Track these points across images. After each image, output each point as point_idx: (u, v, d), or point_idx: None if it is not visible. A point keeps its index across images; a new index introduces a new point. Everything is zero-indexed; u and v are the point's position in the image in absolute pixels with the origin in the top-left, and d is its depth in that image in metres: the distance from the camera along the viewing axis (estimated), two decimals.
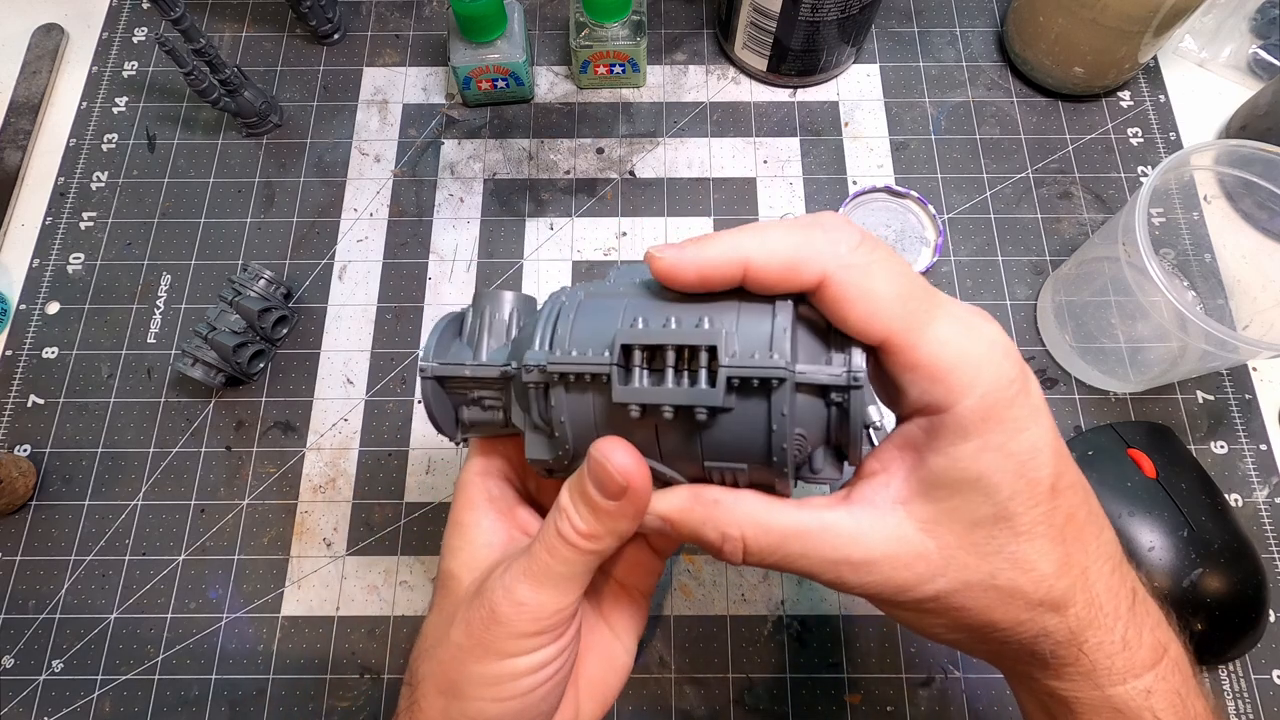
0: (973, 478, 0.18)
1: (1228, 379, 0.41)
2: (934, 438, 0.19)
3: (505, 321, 0.24)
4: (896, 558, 0.19)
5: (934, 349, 0.18)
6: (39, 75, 0.49)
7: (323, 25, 0.48)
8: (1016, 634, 0.20)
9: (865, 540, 0.19)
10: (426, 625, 0.25)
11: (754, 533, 0.20)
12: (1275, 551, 0.38)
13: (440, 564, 0.25)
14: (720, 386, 0.19)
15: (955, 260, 0.44)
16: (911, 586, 0.19)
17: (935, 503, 0.19)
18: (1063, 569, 0.19)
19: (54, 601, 0.38)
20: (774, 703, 0.36)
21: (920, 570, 0.19)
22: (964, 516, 0.19)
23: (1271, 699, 0.35)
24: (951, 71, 0.49)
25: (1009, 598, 0.19)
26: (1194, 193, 0.43)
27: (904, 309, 0.18)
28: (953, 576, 0.19)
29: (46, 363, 0.42)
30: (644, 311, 0.20)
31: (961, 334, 0.19)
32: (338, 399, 0.41)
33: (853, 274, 0.18)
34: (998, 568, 0.19)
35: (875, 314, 0.18)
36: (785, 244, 0.19)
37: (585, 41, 0.45)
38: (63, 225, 0.45)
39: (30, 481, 0.39)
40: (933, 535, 0.19)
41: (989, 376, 0.18)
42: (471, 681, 0.22)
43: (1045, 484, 0.19)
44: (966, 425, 0.18)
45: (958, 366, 0.18)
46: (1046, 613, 0.19)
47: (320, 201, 0.46)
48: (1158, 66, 0.49)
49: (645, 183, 0.46)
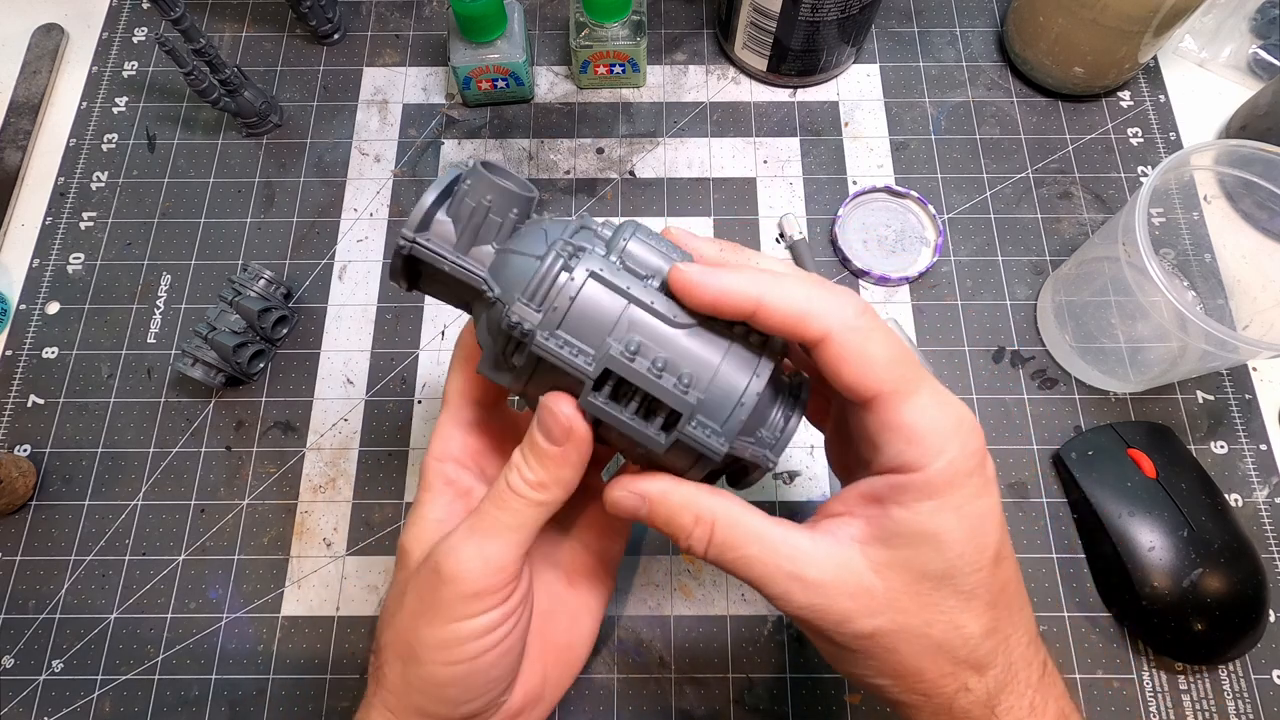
0: (929, 532, 0.20)
1: (1228, 379, 0.41)
2: (899, 493, 0.21)
3: (500, 222, 0.23)
4: (844, 586, 0.21)
5: (914, 414, 0.20)
6: (39, 75, 0.49)
7: (323, 25, 0.48)
8: (939, 686, 0.21)
9: (820, 563, 0.21)
10: (387, 598, 0.26)
11: (724, 524, 0.22)
12: (1275, 551, 0.38)
13: (399, 540, 0.26)
14: (669, 440, 0.22)
15: (955, 260, 0.44)
16: (851, 618, 0.21)
17: (890, 549, 0.21)
18: (989, 633, 0.21)
19: (54, 601, 0.38)
20: (774, 703, 0.36)
21: (863, 604, 0.21)
22: (914, 567, 0.21)
23: (1271, 699, 0.35)
24: (951, 71, 0.49)
25: (938, 649, 0.21)
26: (1194, 193, 0.43)
27: (893, 374, 0.21)
28: (891, 618, 0.21)
29: (46, 363, 0.42)
30: (642, 330, 0.22)
31: (938, 406, 0.21)
32: (338, 399, 0.41)
33: (854, 336, 0.20)
34: (933, 619, 0.21)
35: (868, 374, 0.20)
36: (798, 296, 0.21)
37: (585, 41, 0.45)
38: (63, 225, 0.45)
39: (30, 481, 0.39)
40: (882, 577, 0.21)
41: (956, 447, 0.20)
42: (424, 645, 0.23)
43: (990, 550, 0.21)
44: (932, 486, 0.20)
45: (932, 433, 0.20)
46: (969, 671, 0.21)
47: (320, 201, 0.46)
48: (1158, 66, 0.49)
49: (645, 183, 0.46)
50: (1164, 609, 0.34)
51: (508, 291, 0.22)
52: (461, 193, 0.23)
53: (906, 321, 0.42)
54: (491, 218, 0.23)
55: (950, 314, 0.42)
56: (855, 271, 0.43)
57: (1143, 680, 0.36)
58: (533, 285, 0.21)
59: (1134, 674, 0.36)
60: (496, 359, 0.23)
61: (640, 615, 0.37)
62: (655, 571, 0.38)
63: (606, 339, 0.21)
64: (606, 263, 0.22)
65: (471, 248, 0.23)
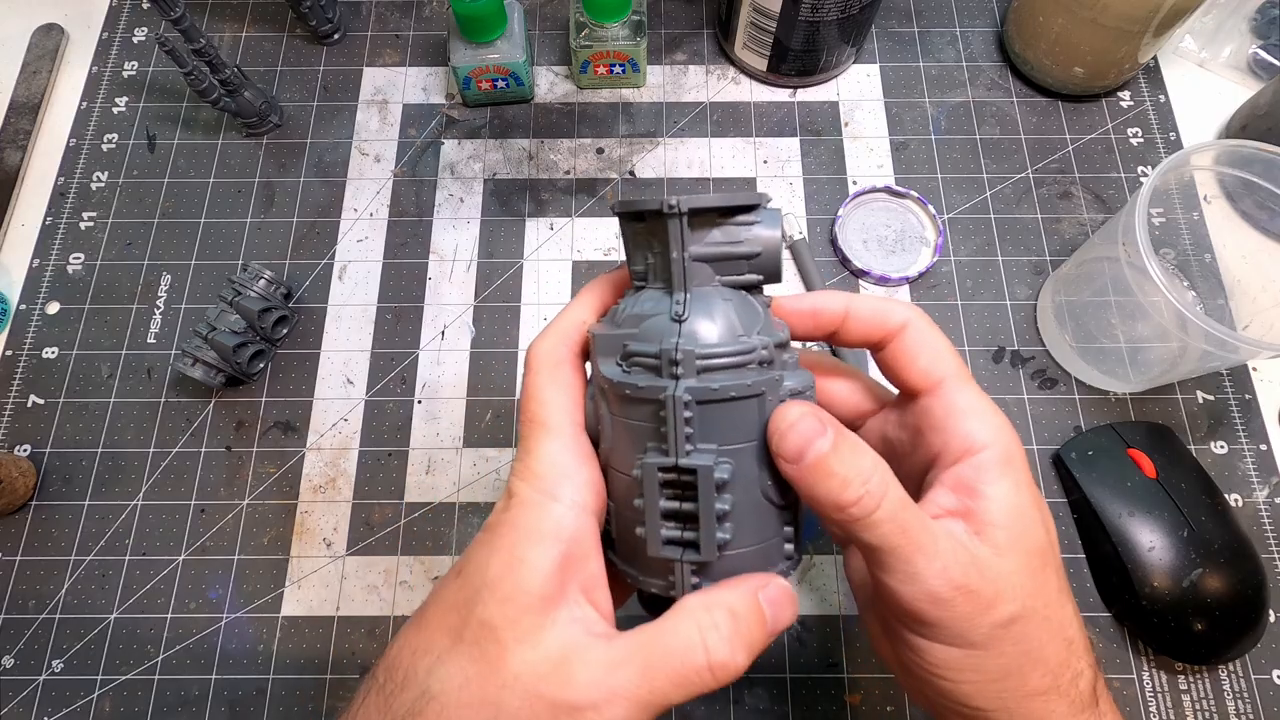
0: (1024, 506, 0.20)
1: (1228, 379, 0.41)
2: (984, 471, 0.21)
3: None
4: (986, 572, 0.19)
5: (974, 398, 0.22)
6: (39, 75, 0.49)
7: (323, 25, 0.48)
8: (1059, 677, 0.20)
9: (965, 547, 0.19)
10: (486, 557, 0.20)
11: (897, 486, 0.19)
12: (1275, 551, 0.38)
13: (512, 487, 0.21)
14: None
15: (955, 260, 0.44)
16: (994, 603, 0.19)
17: (1002, 529, 0.20)
18: (1076, 614, 0.21)
19: (54, 601, 0.38)
20: (774, 703, 0.35)
21: (1003, 589, 0.19)
22: (1024, 544, 0.20)
23: (1271, 699, 0.35)
24: (951, 71, 0.49)
25: (1056, 631, 0.20)
26: (1194, 193, 0.43)
27: (956, 363, 0.22)
28: (1023, 602, 0.19)
29: (46, 363, 0.42)
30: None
31: (984, 396, 0.22)
32: (338, 399, 0.41)
33: (926, 326, 0.23)
34: (1049, 599, 0.20)
35: (939, 360, 0.22)
36: (874, 299, 0.23)
37: (585, 41, 0.45)
38: (63, 225, 0.45)
39: (30, 481, 0.39)
40: (1005, 558, 0.20)
41: (1008, 430, 0.22)
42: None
43: (1055, 532, 0.21)
44: (1005, 460, 0.21)
45: (990, 414, 0.22)
46: (1077, 652, 0.20)
47: (320, 201, 0.46)
48: (1158, 66, 0.49)
49: (645, 183, 0.46)
50: (1164, 609, 0.34)
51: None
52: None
53: None
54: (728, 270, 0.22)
55: (950, 314, 0.42)
56: (855, 271, 0.43)
57: (1143, 680, 0.36)
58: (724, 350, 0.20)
59: (1134, 674, 0.36)
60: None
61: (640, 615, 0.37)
62: None
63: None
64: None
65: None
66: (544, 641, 0.19)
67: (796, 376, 0.21)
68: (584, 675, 0.18)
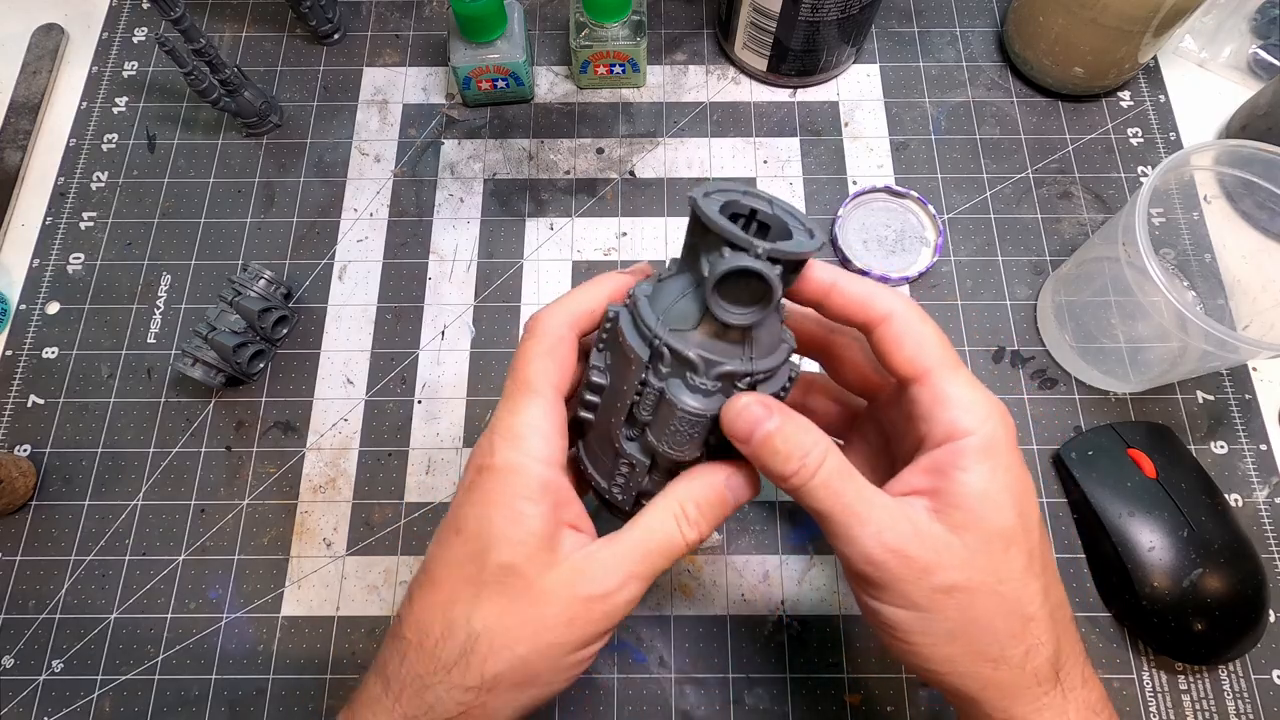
0: (994, 492, 0.22)
1: (1228, 379, 0.41)
2: (960, 457, 0.22)
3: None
4: (930, 541, 0.22)
5: (962, 387, 0.23)
6: (39, 75, 0.49)
7: (323, 25, 0.48)
8: (1009, 648, 0.22)
9: (907, 518, 0.22)
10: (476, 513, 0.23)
11: (835, 456, 0.22)
12: (1275, 551, 0.38)
13: (484, 447, 0.23)
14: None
15: (955, 260, 0.44)
16: (934, 570, 0.21)
17: (963, 511, 0.22)
18: (1046, 594, 0.22)
19: (54, 601, 0.38)
20: (774, 703, 0.36)
21: (945, 559, 0.21)
22: (985, 526, 0.22)
23: (1271, 699, 0.35)
24: (951, 71, 0.49)
25: (1011, 607, 0.22)
26: (1194, 193, 0.43)
27: (944, 353, 0.23)
28: (970, 575, 0.21)
29: (46, 363, 0.42)
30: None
31: (980, 388, 0.23)
32: (338, 399, 0.41)
33: (913, 317, 0.23)
34: (1005, 577, 0.22)
35: (924, 350, 0.23)
36: (863, 284, 0.24)
37: (585, 41, 0.45)
38: (63, 225, 0.45)
39: (30, 481, 0.39)
40: (959, 536, 0.22)
41: (997, 418, 0.22)
42: (526, 636, 0.23)
43: (1035, 519, 0.23)
44: (988, 447, 0.22)
45: (978, 402, 0.23)
46: (1037, 629, 0.22)
47: (320, 201, 0.46)
48: (1158, 66, 0.49)
49: (645, 183, 0.46)
50: (1164, 609, 0.34)
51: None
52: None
53: None
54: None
55: (950, 314, 0.42)
56: (855, 271, 0.43)
57: (1143, 680, 0.36)
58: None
59: (1134, 674, 0.36)
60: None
61: (640, 615, 0.37)
62: None
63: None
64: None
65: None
66: (558, 562, 0.23)
67: (773, 382, 0.24)
68: (601, 572, 0.23)
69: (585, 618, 0.22)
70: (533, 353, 0.24)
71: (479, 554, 0.22)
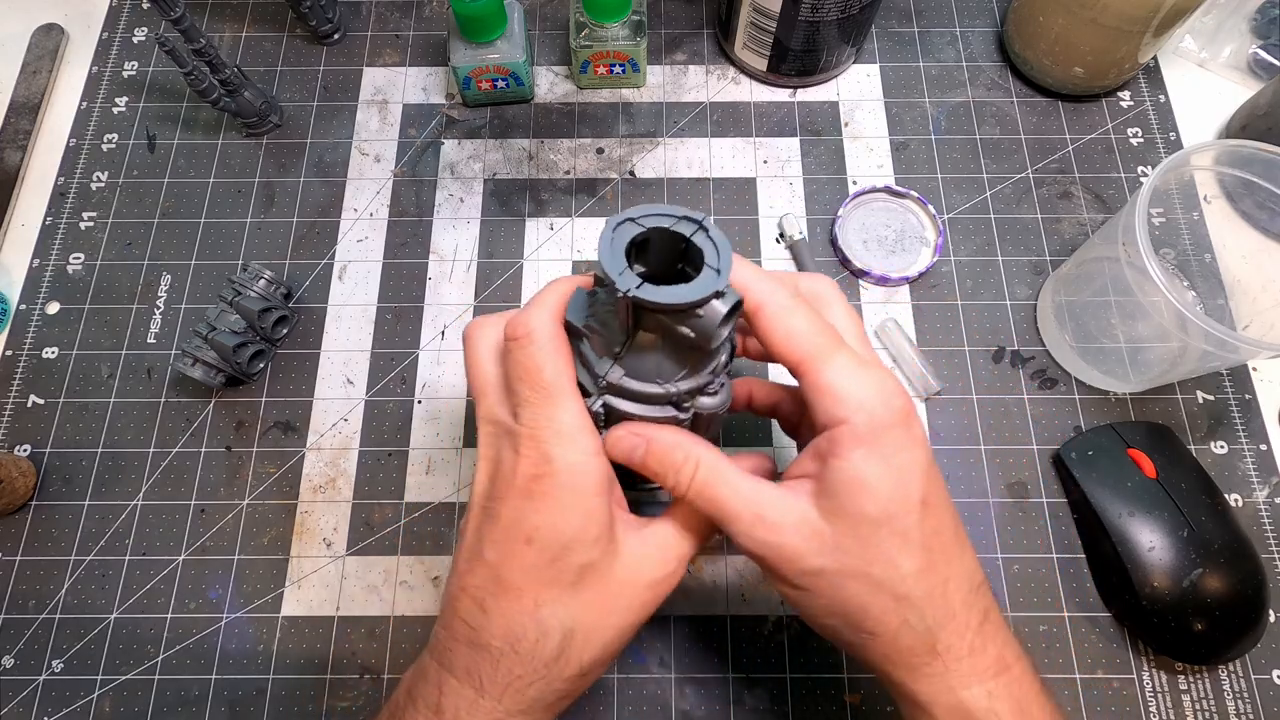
0: (860, 478, 0.23)
1: (1228, 379, 0.41)
2: (834, 445, 0.23)
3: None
4: (799, 529, 0.24)
5: (834, 375, 0.23)
6: (39, 75, 0.49)
7: (323, 25, 0.48)
8: (883, 623, 0.23)
9: (779, 507, 0.24)
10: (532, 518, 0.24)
11: (707, 466, 0.25)
12: (1275, 551, 0.38)
13: (543, 453, 0.24)
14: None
15: (955, 260, 0.44)
16: (803, 556, 0.23)
17: (833, 497, 0.23)
18: (925, 573, 0.23)
19: (54, 601, 0.38)
20: (774, 703, 0.36)
21: (814, 544, 0.23)
22: (853, 511, 0.23)
23: (1271, 699, 0.35)
24: (951, 71, 0.49)
25: (879, 586, 0.23)
26: (1194, 193, 0.43)
27: (814, 343, 0.24)
28: (837, 557, 0.23)
29: (46, 363, 0.42)
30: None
31: (857, 369, 0.24)
32: (338, 399, 0.41)
33: (781, 311, 0.24)
34: (873, 559, 0.23)
35: (791, 342, 0.24)
36: (744, 275, 0.25)
37: (585, 41, 0.45)
38: (63, 225, 0.45)
39: (30, 481, 0.39)
40: (829, 522, 0.23)
41: (878, 403, 0.23)
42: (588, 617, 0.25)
43: (916, 497, 0.23)
44: (857, 436, 0.23)
45: (852, 391, 0.23)
46: (908, 607, 0.23)
47: (320, 201, 0.46)
48: (1158, 66, 0.49)
49: (645, 183, 0.46)
50: (1164, 609, 0.34)
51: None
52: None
53: (906, 322, 0.42)
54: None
55: (950, 314, 0.42)
56: (855, 271, 0.43)
57: (1143, 680, 0.36)
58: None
59: (1134, 674, 0.36)
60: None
61: None
62: None
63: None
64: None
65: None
66: (620, 551, 0.25)
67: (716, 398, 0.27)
68: (660, 558, 0.26)
69: (652, 599, 0.26)
70: (542, 356, 0.25)
71: (557, 559, 0.24)
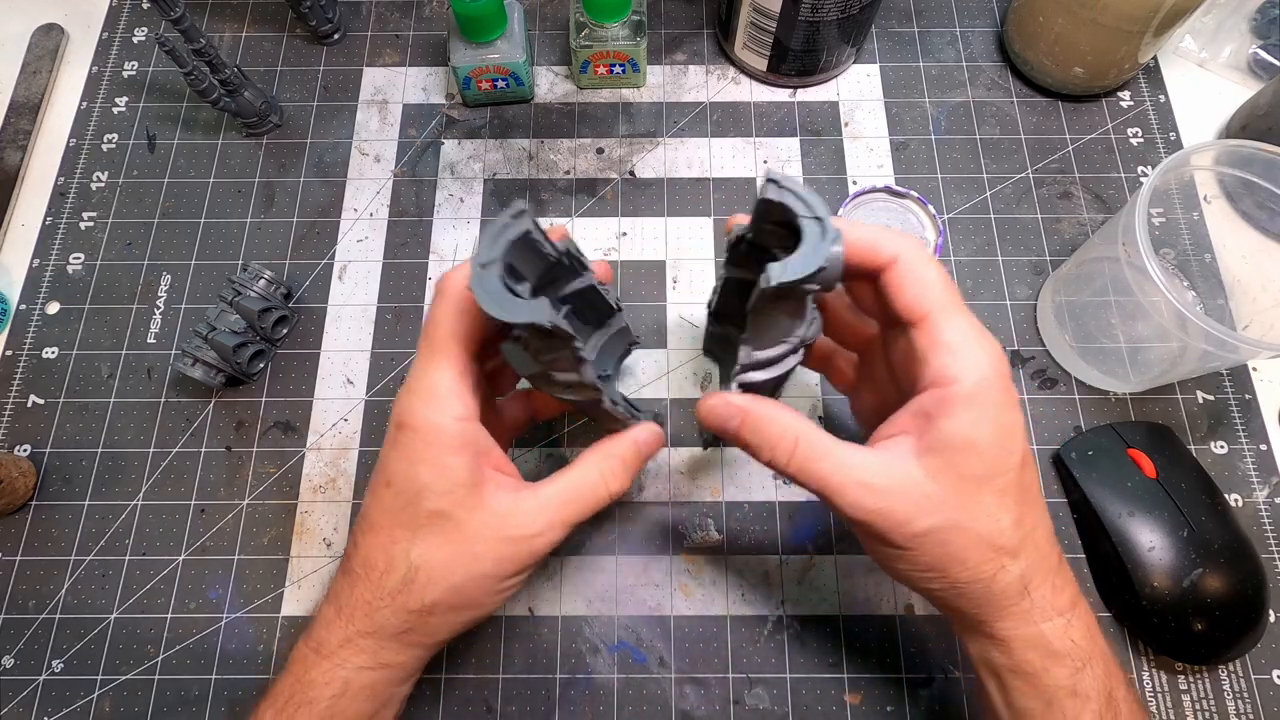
0: (971, 440, 0.23)
1: (1228, 379, 0.41)
2: (944, 405, 0.24)
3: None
4: (907, 493, 0.24)
5: (957, 332, 0.24)
6: (39, 75, 0.49)
7: (323, 25, 0.48)
8: (982, 571, 0.24)
9: (885, 472, 0.24)
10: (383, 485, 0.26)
11: (806, 440, 0.25)
12: (1275, 551, 0.38)
13: (399, 408, 0.26)
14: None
15: (955, 260, 0.44)
16: (912, 519, 0.24)
17: (940, 456, 0.24)
18: (1018, 523, 0.24)
19: (54, 601, 0.38)
20: (774, 703, 0.36)
21: (923, 506, 0.24)
22: (960, 470, 0.24)
23: (1271, 699, 0.35)
24: (951, 71, 0.49)
25: (980, 540, 0.24)
26: (1194, 193, 0.43)
27: (945, 296, 0.24)
28: (944, 516, 0.24)
29: (46, 363, 0.42)
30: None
31: (975, 330, 0.24)
32: (338, 399, 0.41)
33: (917, 261, 0.25)
34: (977, 515, 0.24)
35: (926, 293, 0.24)
36: (871, 230, 0.25)
37: (585, 41, 0.45)
38: (63, 225, 0.45)
39: (30, 481, 0.39)
40: (935, 481, 0.24)
41: (990, 365, 0.24)
42: (461, 579, 0.26)
43: (1017, 456, 0.24)
44: (971, 397, 0.23)
45: (971, 350, 0.24)
46: (1006, 556, 0.24)
47: (320, 201, 0.46)
48: (1158, 66, 0.49)
49: (645, 183, 0.46)
50: (1164, 609, 0.34)
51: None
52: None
53: None
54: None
55: None
56: None
57: (1143, 680, 0.36)
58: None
59: (1134, 674, 0.36)
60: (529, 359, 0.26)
61: (640, 615, 0.37)
62: (655, 571, 0.38)
63: None
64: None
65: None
66: (486, 506, 0.26)
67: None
68: (527, 516, 0.26)
69: (511, 555, 0.26)
70: (444, 314, 0.25)
71: (410, 503, 0.25)
